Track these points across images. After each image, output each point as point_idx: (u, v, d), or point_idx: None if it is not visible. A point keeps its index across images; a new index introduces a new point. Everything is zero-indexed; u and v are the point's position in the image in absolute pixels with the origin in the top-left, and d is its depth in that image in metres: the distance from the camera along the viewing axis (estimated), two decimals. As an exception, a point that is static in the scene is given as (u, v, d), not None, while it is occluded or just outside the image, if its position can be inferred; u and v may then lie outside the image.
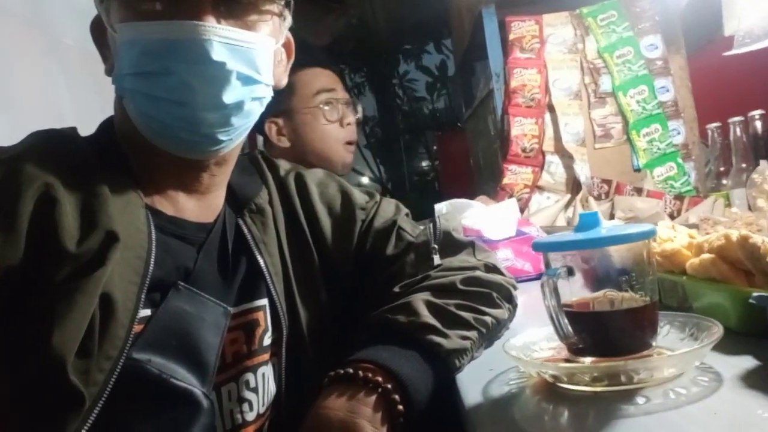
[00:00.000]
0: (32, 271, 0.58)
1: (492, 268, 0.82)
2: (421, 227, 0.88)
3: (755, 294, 0.61)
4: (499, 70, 1.94)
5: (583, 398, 0.55)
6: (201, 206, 0.75)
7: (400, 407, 0.61)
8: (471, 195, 2.63)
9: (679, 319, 0.63)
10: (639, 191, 1.79)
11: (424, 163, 7.28)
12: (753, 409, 0.47)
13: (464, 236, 0.90)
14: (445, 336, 0.68)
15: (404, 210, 0.91)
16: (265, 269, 0.77)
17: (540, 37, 1.94)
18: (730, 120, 1.55)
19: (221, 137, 0.70)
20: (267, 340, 0.78)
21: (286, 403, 0.78)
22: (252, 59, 0.68)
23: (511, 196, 1.85)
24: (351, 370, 0.63)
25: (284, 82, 0.79)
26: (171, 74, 0.65)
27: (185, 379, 0.67)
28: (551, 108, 1.92)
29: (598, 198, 1.81)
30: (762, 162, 1.40)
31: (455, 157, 3.27)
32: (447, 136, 4.02)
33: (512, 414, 0.56)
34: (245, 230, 0.78)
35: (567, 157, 1.90)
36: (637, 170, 1.91)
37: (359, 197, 0.89)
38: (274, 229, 0.81)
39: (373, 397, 0.61)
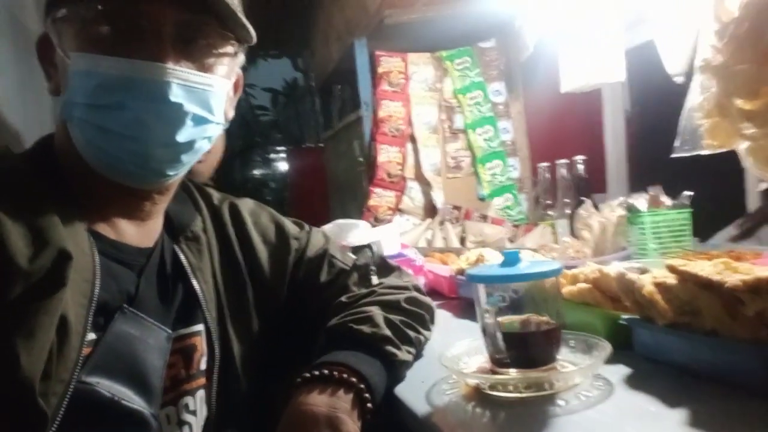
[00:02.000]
0: None
1: (419, 290, 0.93)
2: (350, 254, 0.96)
3: (624, 317, 0.80)
4: (368, 100, 2.09)
5: (513, 403, 0.68)
6: (141, 232, 0.76)
7: (369, 405, 0.69)
8: (326, 210, 2.74)
9: (569, 337, 0.80)
10: (485, 218, 2.05)
11: (257, 172, 7.20)
12: (644, 404, 0.63)
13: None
14: (399, 348, 0.78)
15: (332, 239, 0.98)
16: (201, 295, 0.79)
17: (405, 73, 2.13)
18: (558, 161, 1.85)
19: (168, 172, 0.73)
20: (204, 365, 0.79)
21: (216, 428, 0.80)
22: (207, 101, 0.71)
23: (375, 218, 2.00)
24: (326, 371, 0.70)
25: (231, 114, 0.81)
26: (126, 109, 0.66)
27: (134, 401, 0.68)
28: (413, 139, 2.11)
29: (450, 222, 2.03)
30: (586, 200, 1.71)
31: (308, 173, 3.35)
32: (301, 151, 4.08)
33: (460, 419, 0.67)
34: (182, 257, 0.80)
35: (425, 184, 2.10)
36: (482, 199, 2.18)
37: (291, 227, 0.94)
38: (208, 256, 0.83)
39: (351, 395, 0.68)
